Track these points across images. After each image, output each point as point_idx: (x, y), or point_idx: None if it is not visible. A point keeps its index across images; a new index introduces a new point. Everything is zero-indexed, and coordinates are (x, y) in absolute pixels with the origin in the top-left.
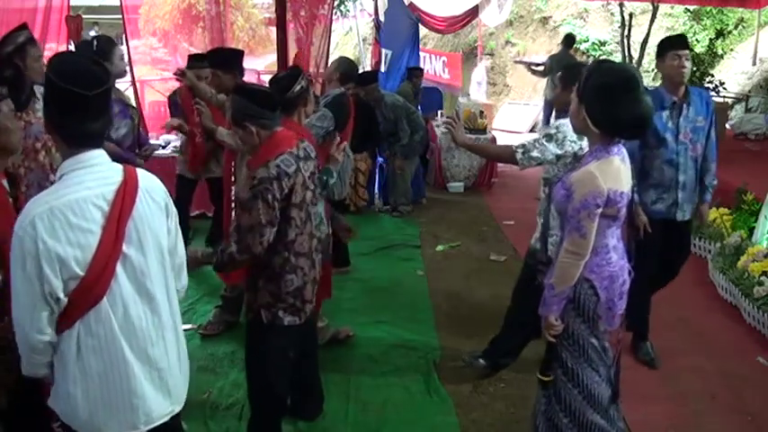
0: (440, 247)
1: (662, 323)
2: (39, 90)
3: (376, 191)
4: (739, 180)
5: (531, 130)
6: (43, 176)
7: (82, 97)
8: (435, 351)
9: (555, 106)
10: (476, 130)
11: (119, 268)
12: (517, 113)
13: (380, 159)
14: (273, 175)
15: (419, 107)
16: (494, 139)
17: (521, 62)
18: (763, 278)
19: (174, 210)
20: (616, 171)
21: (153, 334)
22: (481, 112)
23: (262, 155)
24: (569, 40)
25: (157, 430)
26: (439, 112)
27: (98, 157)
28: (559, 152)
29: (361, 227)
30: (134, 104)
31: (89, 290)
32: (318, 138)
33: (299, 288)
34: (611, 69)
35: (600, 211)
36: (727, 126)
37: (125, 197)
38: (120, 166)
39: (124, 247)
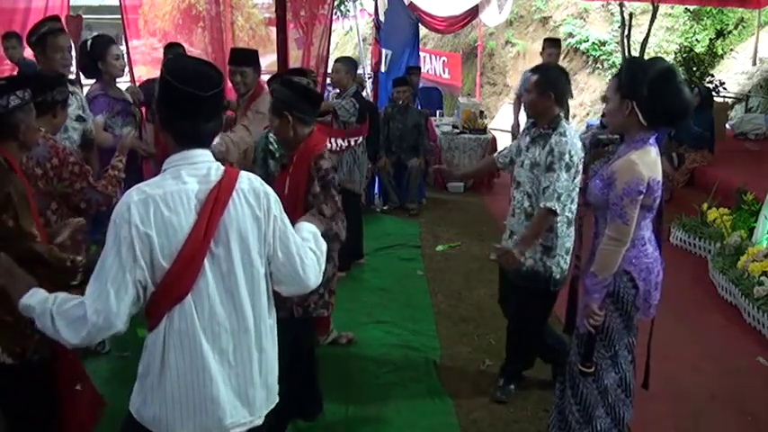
0: (440, 247)
1: (661, 323)
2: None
3: (376, 191)
4: (739, 180)
5: None
6: (44, 204)
7: (197, 98)
8: (435, 351)
9: (529, 111)
10: (476, 130)
11: (206, 266)
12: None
13: None
14: (334, 164)
15: (418, 106)
16: (494, 139)
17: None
18: (763, 278)
19: (277, 217)
20: (654, 161)
21: (235, 339)
22: (481, 112)
23: (309, 148)
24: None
25: None
26: (437, 112)
27: (201, 155)
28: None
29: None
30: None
31: (174, 284)
32: (339, 123)
33: (329, 279)
34: (655, 63)
35: (642, 198)
36: (727, 126)
37: (218, 196)
38: (221, 167)
39: (212, 246)
